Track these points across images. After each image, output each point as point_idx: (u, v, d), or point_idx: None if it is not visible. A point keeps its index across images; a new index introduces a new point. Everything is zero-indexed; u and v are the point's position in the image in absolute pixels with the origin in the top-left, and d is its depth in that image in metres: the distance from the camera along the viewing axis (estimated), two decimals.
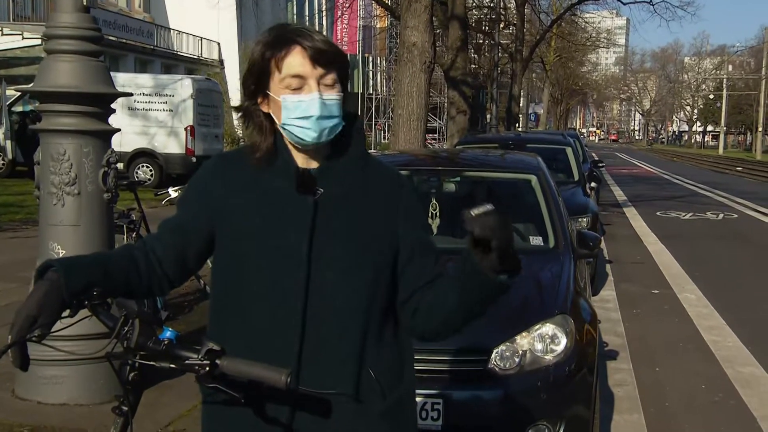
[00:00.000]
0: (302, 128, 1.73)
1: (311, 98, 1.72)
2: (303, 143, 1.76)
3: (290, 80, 1.72)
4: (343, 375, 1.72)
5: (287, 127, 1.75)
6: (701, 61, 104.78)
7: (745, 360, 6.33)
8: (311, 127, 1.73)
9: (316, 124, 1.73)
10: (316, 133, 1.73)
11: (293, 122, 1.73)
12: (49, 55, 4.36)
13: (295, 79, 1.72)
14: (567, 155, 11.05)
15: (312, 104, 1.72)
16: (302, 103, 1.72)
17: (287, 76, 1.72)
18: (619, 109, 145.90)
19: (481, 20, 33.39)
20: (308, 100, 1.72)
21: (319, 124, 1.73)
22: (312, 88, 1.72)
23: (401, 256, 1.79)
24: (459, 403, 3.53)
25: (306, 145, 1.76)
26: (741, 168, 41.43)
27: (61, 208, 4.34)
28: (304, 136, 1.74)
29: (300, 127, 1.73)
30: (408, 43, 9.93)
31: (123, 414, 1.69)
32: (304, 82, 1.72)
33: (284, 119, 1.74)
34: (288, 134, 1.76)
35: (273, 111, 1.78)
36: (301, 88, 1.73)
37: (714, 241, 13.53)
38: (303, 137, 1.74)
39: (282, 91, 1.73)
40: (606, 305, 8.03)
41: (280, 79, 1.73)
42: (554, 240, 4.69)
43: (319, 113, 1.72)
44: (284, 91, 1.73)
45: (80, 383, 4.41)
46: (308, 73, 1.72)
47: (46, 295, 1.57)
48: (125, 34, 28.52)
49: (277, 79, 1.74)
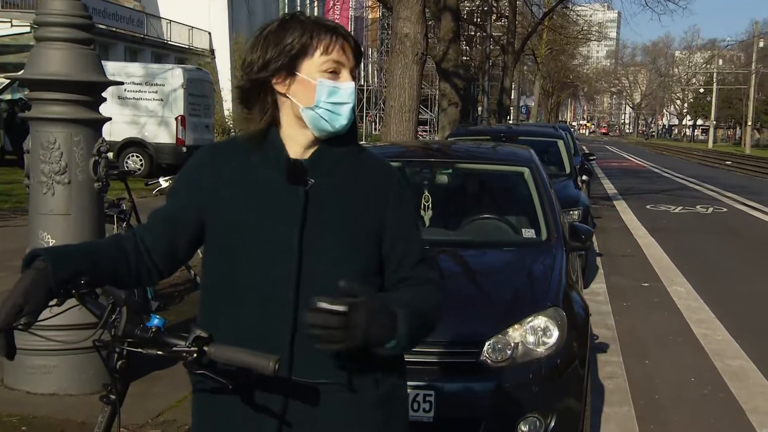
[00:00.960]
0: (334, 114, 1.75)
1: (348, 86, 1.76)
2: (328, 130, 1.76)
3: (332, 64, 1.74)
4: (336, 364, 1.72)
5: (319, 110, 1.74)
6: (692, 55, 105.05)
7: (734, 353, 6.36)
8: (343, 114, 1.76)
9: (349, 113, 1.76)
10: (347, 120, 1.77)
11: (326, 106, 1.74)
12: (40, 42, 4.32)
13: (336, 64, 1.75)
14: (559, 148, 11.05)
15: (348, 92, 1.76)
16: (339, 89, 1.75)
17: (330, 59, 1.74)
18: (610, 102, 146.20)
19: (473, 12, 33.36)
20: (346, 88, 1.76)
21: (351, 113, 1.77)
22: (347, 77, 1.77)
23: (384, 245, 1.80)
24: (451, 395, 3.53)
25: (328, 132, 1.77)
26: (730, 162, 41.61)
27: (51, 197, 4.31)
28: (334, 121, 1.75)
29: (333, 112, 1.74)
30: (400, 34, 9.89)
31: (111, 402, 1.68)
32: (341, 69, 1.76)
33: (317, 101, 1.74)
34: (313, 118, 1.75)
35: (295, 92, 1.76)
36: (336, 74, 1.75)
37: (703, 235, 13.59)
38: (333, 122, 1.75)
39: (319, 74, 1.74)
40: (596, 298, 8.06)
41: (321, 62, 1.74)
42: (547, 233, 4.68)
43: (353, 102, 1.77)
44: (322, 75, 1.74)
45: (70, 373, 4.39)
46: (347, 62, 1.76)
47: (33, 283, 1.56)
48: (115, 23, 28.38)
49: (317, 61, 1.74)
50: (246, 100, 1.81)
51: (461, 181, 5.70)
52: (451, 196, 5.59)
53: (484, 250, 4.74)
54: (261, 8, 37.74)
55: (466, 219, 5.10)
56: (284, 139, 1.79)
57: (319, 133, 1.77)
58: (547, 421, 3.56)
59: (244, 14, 35.03)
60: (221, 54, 35.11)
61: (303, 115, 1.75)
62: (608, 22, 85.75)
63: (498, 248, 4.77)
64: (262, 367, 1.52)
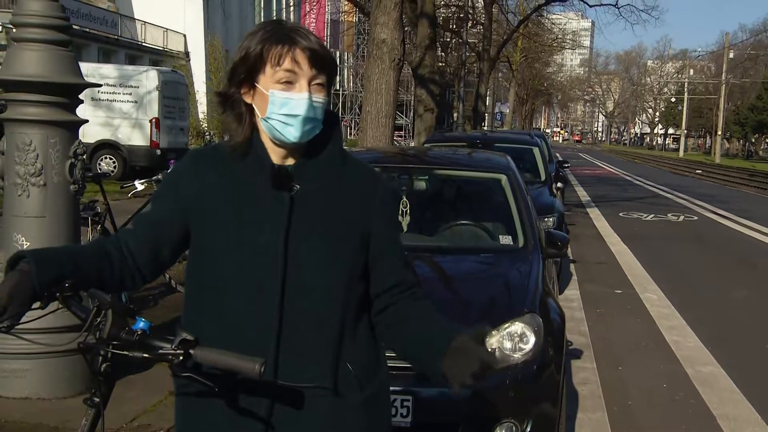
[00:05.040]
0: (286, 125, 1.73)
1: (301, 97, 1.72)
2: (282, 140, 1.75)
3: (283, 74, 1.71)
4: (321, 368, 1.73)
5: (270, 120, 1.74)
6: (664, 65, 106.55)
7: (705, 360, 6.45)
8: (295, 125, 1.73)
9: (300, 124, 1.73)
10: (299, 132, 1.73)
11: (278, 117, 1.73)
12: (16, 43, 4.27)
13: (288, 74, 1.71)
14: (534, 155, 11.14)
15: (301, 103, 1.72)
16: (291, 100, 1.72)
17: (281, 70, 1.71)
18: (583, 110, 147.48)
19: (449, 19, 33.53)
20: (297, 99, 1.72)
21: (304, 125, 1.73)
22: (303, 87, 1.72)
23: (371, 252, 1.82)
24: (428, 401, 3.54)
25: (285, 143, 1.76)
26: (701, 171, 42.17)
27: (26, 199, 4.26)
28: (286, 133, 1.74)
29: (284, 123, 1.73)
30: (377, 39, 9.92)
31: (95, 405, 1.68)
32: (296, 80, 1.72)
33: (269, 113, 1.73)
34: (269, 128, 1.76)
35: (256, 103, 1.77)
36: (291, 84, 1.72)
37: (675, 243, 13.75)
38: (285, 134, 1.74)
39: (272, 85, 1.73)
40: (570, 305, 8.12)
41: (273, 73, 1.72)
42: (524, 239, 4.72)
43: (305, 114, 1.72)
44: (274, 86, 1.72)
45: (43, 377, 4.34)
46: (302, 72, 1.72)
47: (18, 285, 1.56)
48: (88, 23, 28.10)
49: (270, 72, 1.73)
50: (224, 106, 1.82)
51: (439, 187, 5.72)
52: (429, 202, 5.61)
53: (461, 256, 4.77)
54: (237, 11, 37.59)
55: (443, 225, 5.13)
56: (266, 145, 1.80)
57: (278, 144, 1.77)
58: (523, 426, 3.59)
59: (219, 17, 34.87)
60: (196, 56, 34.92)
61: (261, 126, 1.77)
62: (582, 30, 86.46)
63: (475, 254, 4.80)
64: (248, 370, 1.52)
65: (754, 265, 11.71)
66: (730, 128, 74.51)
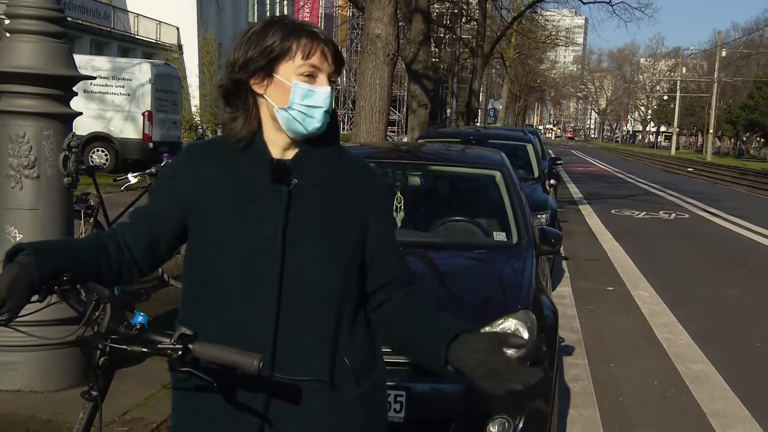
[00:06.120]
0: (308, 116, 1.75)
1: (325, 90, 1.77)
2: (299, 131, 1.77)
3: (308, 68, 1.75)
4: (318, 362, 1.74)
5: (291, 111, 1.75)
6: (656, 63, 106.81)
7: (696, 357, 6.49)
8: (317, 117, 1.76)
9: (323, 116, 1.77)
10: (320, 123, 1.77)
11: (299, 108, 1.75)
12: (10, 35, 4.25)
13: (313, 68, 1.76)
14: (528, 152, 11.16)
15: (323, 96, 1.76)
16: (314, 92, 1.76)
17: (307, 64, 1.75)
18: (576, 107, 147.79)
19: (443, 14, 33.52)
20: (321, 92, 1.76)
21: (325, 117, 1.77)
22: (323, 81, 1.77)
23: (368, 247, 1.82)
24: (421, 396, 3.55)
25: (299, 134, 1.78)
26: (692, 169, 42.34)
27: (19, 192, 4.24)
28: (307, 124, 1.76)
29: (306, 114, 1.75)
30: (372, 35, 9.90)
31: (92, 399, 1.68)
32: (317, 74, 1.76)
33: (291, 102, 1.75)
34: (286, 119, 1.76)
35: (271, 93, 1.77)
36: (313, 78, 1.76)
37: (666, 240, 13.81)
38: (305, 125, 1.76)
39: (295, 77, 1.75)
40: (562, 301, 8.14)
41: (298, 65, 1.75)
42: (517, 236, 4.73)
43: (327, 106, 1.77)
44: (298, 78, 1.75)
45: (36, 370, 4.32)
46: (324, 67, 1.77)
47: (17, 277, 1.55)
48: (81, 15, 27.97)
49: (295, 64, 1.75)
50: (228, 100, 1.82)
51: (433, 183, 5.73)
52: (423, 198, 5.62)
53: (455, 253, 4.77)
54: (230, 4, 37.47)
55: (437, 221, 5.13)
56: (266, 139, 1.80)
57: (293, 135, 1.78)
58: (515, 422, 3.60)
59: (213, 10, 34.81)
60: (189, 49, 34.80)
61: (277, 116, 1.77)
62: (576, 27, 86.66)
63: (469, 251, 4.80)
64: (247, 365, 1.52)
65: (745, 263, 11.78)
66: (721, 126, 74.74)
